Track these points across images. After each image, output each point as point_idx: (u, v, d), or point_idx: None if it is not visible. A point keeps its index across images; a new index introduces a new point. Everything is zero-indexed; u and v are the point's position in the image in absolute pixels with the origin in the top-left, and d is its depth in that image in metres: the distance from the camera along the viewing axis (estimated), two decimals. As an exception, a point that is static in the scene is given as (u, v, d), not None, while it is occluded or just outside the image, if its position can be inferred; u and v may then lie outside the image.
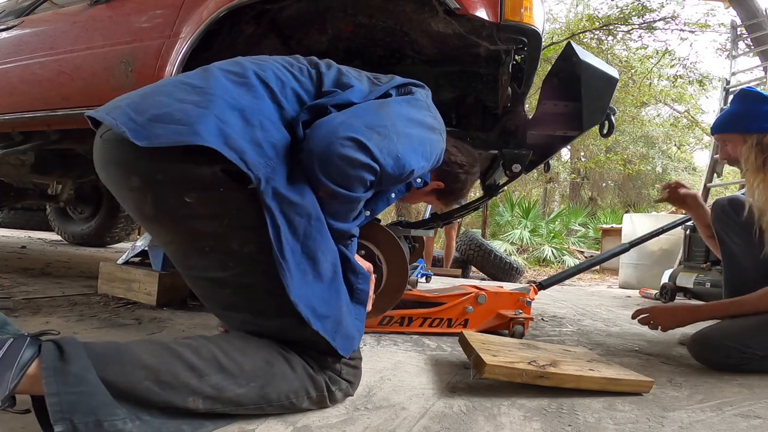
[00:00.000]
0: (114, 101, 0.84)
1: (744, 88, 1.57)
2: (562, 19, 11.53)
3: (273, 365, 0.78)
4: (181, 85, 0.82)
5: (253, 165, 0.75)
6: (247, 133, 0.77)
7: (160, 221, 0.82)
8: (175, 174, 0.76)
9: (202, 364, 0.72)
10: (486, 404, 0.95)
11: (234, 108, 0.79)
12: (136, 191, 0.79)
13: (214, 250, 0.80)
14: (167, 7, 1.53)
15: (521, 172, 1.58)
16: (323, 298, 0.81)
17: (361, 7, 1.47)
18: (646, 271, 4.51)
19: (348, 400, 0.91)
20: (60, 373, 0.61)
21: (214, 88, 0.81)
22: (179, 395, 0.69)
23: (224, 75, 0.85)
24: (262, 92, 0.84)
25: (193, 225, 0.79)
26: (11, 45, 1.97)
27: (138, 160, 0.77)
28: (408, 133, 0.88)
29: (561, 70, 1.45)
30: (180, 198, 0.76)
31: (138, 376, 0.66)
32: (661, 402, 1.03)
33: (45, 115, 1.75)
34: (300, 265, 0.78)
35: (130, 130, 0.73)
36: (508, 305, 1.63)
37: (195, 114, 0.75)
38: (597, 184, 15.25)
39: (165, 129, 0.73)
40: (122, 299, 1.77)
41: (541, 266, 7.88)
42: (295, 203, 0.78)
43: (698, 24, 8.91)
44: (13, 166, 2.48)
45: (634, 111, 11.81)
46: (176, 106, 0.77)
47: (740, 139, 1.46)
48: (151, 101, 0.79)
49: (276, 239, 0.76)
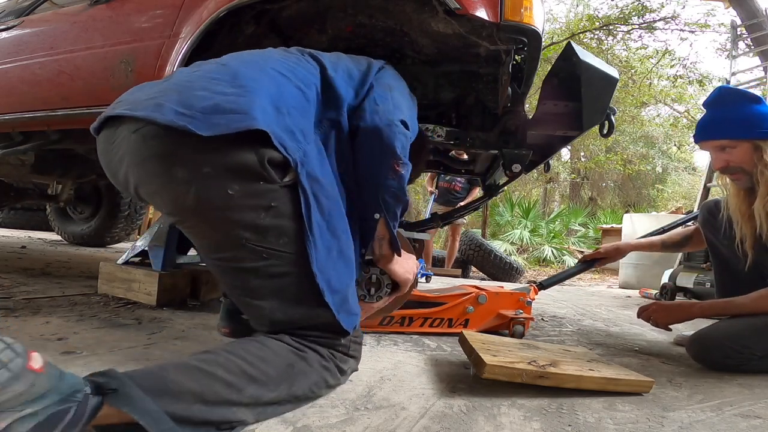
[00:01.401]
0: (139, 98, 0.86)
1: (724, 87, 1.47)
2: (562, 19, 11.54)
3: (294, 366, 0.84)
4: (212, 80, 0.87)
5: (291, 150, 0.84)
6: (280, 120, 0.85)
7: (200, 213, 0.85)
8: (221, 164, 0.80)
9: (236, 379, 0.77)
10: (486, 404, 0.95)
11: (266, 97, 0.86)
12: (179, 183, 0.81)
13: (251, 242, 0.83)
14: (167, 7, 1.53)
15: (521, 172, 1.58)
16: (339, 273, 0.89)
17: (361, 7, 1.47)
18: (646, 271, 4.51)
19: (348, 400, 0.91)
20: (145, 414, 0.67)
21: (245, 80, 0.87)
22: (227, 409, 0.75)
23: (245, 67, 0.91)
24: (282, 80, 0.92)
25: (233, 216, 0.82)
26: (11, 45, 1.97)
27: (186, 152, 0.80)
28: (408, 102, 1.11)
29: (561, 70, 1.45)
30: (224, 189, 0.80)
31: (188, 401, 0.72)
32: (661, 402, 1.03)
33: (45, 115, 1.75)
34: (325, 242, 0.87)
35: (189, 123, 0.77)
36: (509, 305, 1.63)
37: (244, 103, 0.82)
38: (597, 184, 15.26)
39: (225, 119, 0.79)
40: (122, 299, 1.77)
41: (541, 266, 7.88)
42: (322, 185, 0.89)
43: (698, 24, 8.92)
44: (13, 166, 2.48)
45: (634, 111, 11.82)
46: (221, 98, 0.82)
47: (748, 146, 1.36)
48: (191, 96, 0.82)
49: (307, 216, 0.84)
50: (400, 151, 0.98)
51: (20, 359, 0.63)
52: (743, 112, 1.37)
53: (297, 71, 0.97)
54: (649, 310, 1.52)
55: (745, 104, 1.38)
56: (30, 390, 0.63)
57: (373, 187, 1.00)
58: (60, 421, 0.64)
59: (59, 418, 0.64)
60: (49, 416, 0.64)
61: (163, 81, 0.92)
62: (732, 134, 1.38)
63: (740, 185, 1.45)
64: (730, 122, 1.38)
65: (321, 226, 0.87)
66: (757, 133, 1.35)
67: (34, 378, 0.63)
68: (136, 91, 0.92)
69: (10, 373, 0.62)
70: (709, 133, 1.43)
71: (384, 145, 0.97)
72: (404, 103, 1.08)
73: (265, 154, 0.81)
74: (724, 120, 1.39)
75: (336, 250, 0.89)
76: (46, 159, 2.49)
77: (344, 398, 0.92)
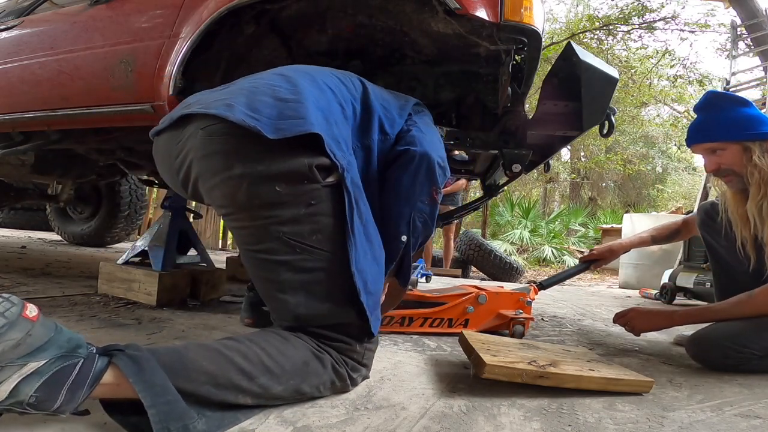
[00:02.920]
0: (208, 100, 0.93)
1: (713, 91, 1.48)
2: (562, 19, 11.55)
3: (309, 365, 0.87)
4: (274, 88, 0.93)
5: (339, 157, 0.90)
6: (329, 130, 0.91)
7: (248, 207, 0.90)
8: (276, 165, 0.87)
9: (251, 367, 0.81)
10: (486, 404, 0.95)
11: (318, 108, 0.92)
12: (235, 179, 0.88)
13: (287, 235, 0.89)
14: (167, 7, 1.52)
15: (521, 172, 1.58)
16: (374, 277, 0.95)
17: (361, 7, 1.47)
18: (646, 271, 4.51)
19: (348, 400, 0.91)
20: (149, 385, 0.70)
21: (302, 91, 0.93)
22: (232, 394, 0.78)
23: (302, 78, 0.98)
24: (330, 95, 0.99)
25: (274, 211, 0.88)
26: (11, 45, 1.97)
27: (247, 151, 0.87)
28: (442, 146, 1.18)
29: (561, 70, 1.45)
30: (272, 186, 0.87)
31: (200, 380, 0.75)
32: (661, 402, 1.03)
33: (45, 115, 1.75)
34: (362, 245, 0.92)
35: (258, 124, 0.84)
36: (509, 305, 1.63)
37: (302, 110, 0.89)
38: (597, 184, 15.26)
39: (286, 123, 0.86)
40: (122, 299, 1.77)
41: (541, 266, 7.88)
42: (362, 192, 0.96)
43: (698, 24, 8.92)
44: (13, 166, 2.48)
45: (634, 111, 11.83)
46: (283, 105, 0.89)
47: (738, 148, 1.38)
48: (258, 102, 0.89)
49: (350, 218, 0.90)
50: (440, 183, 1.07)
51: (16, 308, 0.66)
52: (732, 115, 1.38)
53: (341, 89, 1.04)
54: (627, 316, 1.51)
55: (734, 107, 1.39)
56: (27, 340, 0.65)
57: (407, 207, 1.05)
58: (65, 380, 0.66)
59: (64, 375, 0.66)
60: (53, 374, 0.66)
61: (229, 86, 0.99)
62: (722, 137, 1.39)
63: (732, 187, 1.46)
64: (720, 125, 1.39)
65: (359, 229, 0.92)
66: (745, 134, 1.36)
67: (29, 326, 0.66)
68: (203, 94, 0.99)
69: (6, 320, 0.64)
70: (700, 136, 1.44)
71: (430, 171, 1.05)
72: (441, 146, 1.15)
73: (315, 159, 0.88)
74: (714, 123, 1.40)
75: (371, 255, 0.95)
76: (46, 159, 2.49)
77: (344, 398, 0.92)
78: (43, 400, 0.65)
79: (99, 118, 1.63)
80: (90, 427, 0.73)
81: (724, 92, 1.46)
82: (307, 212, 0.89)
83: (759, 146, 1.35)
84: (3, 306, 0.65)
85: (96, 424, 0.74)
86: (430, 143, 1.08)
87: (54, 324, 0.70)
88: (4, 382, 0.63)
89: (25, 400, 0.64)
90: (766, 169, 1.34)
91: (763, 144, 1.35)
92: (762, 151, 1.35)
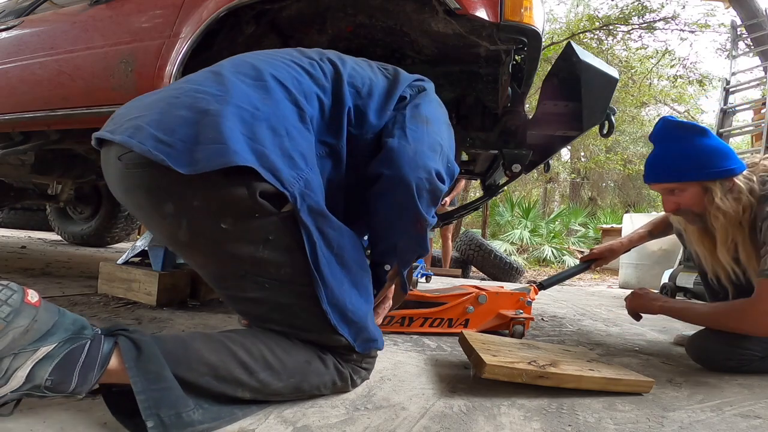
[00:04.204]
0: (124, 117, 0.79)
1: (668, 119, 1.32)
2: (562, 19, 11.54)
3: (311, 364, 0.85)
4: (198, 95, 0.78)
5: (287, 182, 0.75)
6: (276, 144, 0.76)
7: (195, 247, 0.82)
8: (212, 198, 0.74)
9: (253, 362, 0.79)
10: (486, 404, 0.95)
11: (259, 118, 0.77)
12: (169, 218, 0.77)
13: (251, 273, 0.80)
14: (167, 7, 1.53)
15: (521, 172, 1.58)
16: (355, 305, 0.86)
17: (361, 7, 1.47)
18: (646, 271, 4.51)
19: (348, 400, 0.91)
20: (143, 372, 0.68)
21: (235, 96, 0.78)
22: (231, 387, 0.77)
23: (239, 78, 0.82)
24: (281, 94, 0.82)
25: (229, 250, 0.78)
26: (11, 45, 1.97)
27: (172, 185, 0.74)
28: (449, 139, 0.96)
29: (561, 70, 1.45)
30: (216, 224, 0.75)
31: (200, 371, 0.74)
32: (661, 402, 1.03)
33: (45, 115, 1.75)
34: (336, 275, 0.83)
35: (167, 156, 0.70)
36: (509, 305, 1.63)
37: (226, 129, 0.72)
38: (597, 184, 15.26)
39: (204, 151, 0.71)
40: (122, 299, 1.77)
41: (541, 266, 7.88)
42: (328, 217, 0.82)
43: (698, 24, 8.92)
44: (13, 166, 2.48)
45: (634, 111, 11.82)
46: (204, 121, 0.73)
47: (698, 189, 1.26)
48: (174, 118, 0.74)
49: (312, 254, 0.79)
50: (426, 210, 0.88)
51: (17, 294, 0.66)
52: (690, 150, 1.25)
53: (302, 81, 0.87)
54: (629, 296, 1.52)
55: (691, 140, 1.26)
56: (34, 326, 0.66)
57: (390, 238, 0.94)
58: (76, 361, 0.67)
59: (75, 357, 0.67)
60: (64, 356, 0.67)
61: (157, 93, 0.85)
62: (679, 177, 1.27)
63: (693, 224, 1.37)
64: (677, 162, 1.27)
65: (330, 261, 0.82)
66: (705, 174, 1.24)
67: (34, 312, 0.66)
68: (128, 105, 0.85)
69: (11, 308, 0.64)
70: (657, 175, 1.32)
71: (409, 198, 0.85)
72: (444, 139, 0.93)
73: (257, 187, 0.74)
74: (671, 160, 1.28)
75: (348, 283, 0.85)
76: (46, 159, 2.49)
77: (344, 398, 0.92)
78: (59, 382, 0.65)
79: (99, 118, 1.64)
80: (90, 426, 0.73)
81: (681, 122, 1.29)
82: (267, 248, 0.78)
83: (720, 186, 1.23)
84: (3, 294, 0.65)
85: (96, 424, 0.74)
86: (412, 159, 0.84)
87: (56, 307, 0.71)
88: (20, 368, 0.64)
89: (41, 384, 0.65)
90: (731, 212, 1.23)
91: (724, 182, 1.23)
92: (724, 191, 1.23)
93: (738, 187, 1.24)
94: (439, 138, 0.92)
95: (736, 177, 1.24)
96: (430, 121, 0.93)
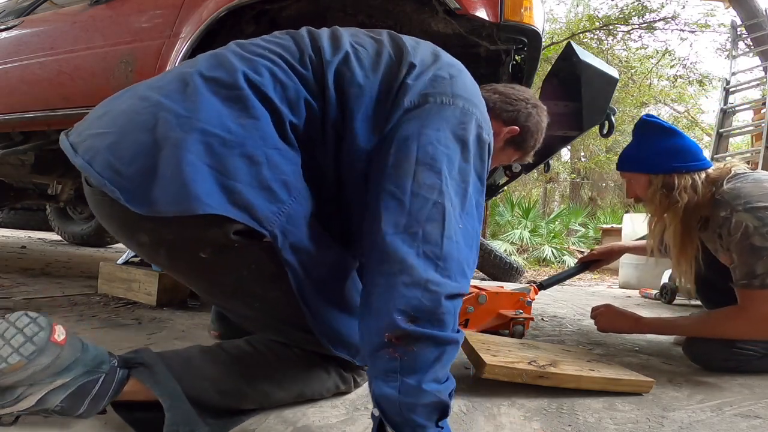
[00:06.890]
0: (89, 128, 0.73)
1: (644, 117, 1.41)
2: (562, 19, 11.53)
3: (312, 371, 0.86)
4: (161, 113, 0.67)
5: (265, 220, 0.67)
6: (252, 175, 0.66)
7: (177, 270, 0.82)
8: (185, 235, 0.69)
9: (254, 374, 0.80)
10: (486, 404, 0.95)
11: (232, 145, 0.66)
12: (146, 247, 0.74)
13: (238, 293, 0.79)
14: (167, 7, 1.53)
15: (521, 172, 1.58)
16: (349, 328, 0.82)
17: (361, 7, 1.47)
18: (646, 271, 4.50)
19: (348, 400, 0.91)
20: (169, 393, 0.71)
21: (203, 117, 0.66)
22: (235, 400, 0.78)
23: (210, 90, 0.70)
24: (260, 108, 0.70)
25: (210, 277, 0.77)
26: (11, 45, 1.97)
27: (142, 220, 0.66)
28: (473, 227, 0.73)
29: (561, 70, 1.45)
30: (195, 254, 0.71)
31: (204, 387, 0.75)
32: (661, 402, 1.03)
33: (45, 115, 1.75)
34: (328, 304, 0.80)
35: (123, 192, 0.63)
36: (509, 305, 1.63)
37: (187, 166, 0.63)
38: (597, 184, 15.24)
39: (162, 192, 0.63)
40: (122, 299, 1.77)
41: (541, 266, 7.88)
42: (313, 254, 0.73)
43: (698, 24, 8.91)
44: (13, 166, 2.48)
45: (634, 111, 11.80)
46: (163, 153, 0.64)
47: (645, 180, 1.35)
48: (131, 144, 0.66)
49: (299, 290, 0.74)
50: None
51: (44, 332, 0.66)
52: (644, 146, 1.35)
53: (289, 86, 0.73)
54: (597, 311, 1.49)
55: (649, 137, 1.35)
56: (56, 362, 0.66)
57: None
58: (89, 392, 0.68)
59: (88, 388, 0.68)
60: (78, 387, 0.68)
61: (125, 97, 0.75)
62: (630, 167, 1.38)
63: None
64: (633, 155, 1.38)
65: (317, 297, 0.77)
66: (648, 166, 1.33)
67: (59, 351, 0.66)
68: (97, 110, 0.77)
69: (35, 347, 0.64)
70: (620, 164, 1.43)
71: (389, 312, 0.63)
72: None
73: (230, 228, 0.66)
74: (634, 153, 1.38)
75: (337, 310, 0.81)
76: (46, 159, 2.48)
77: (344, 398, 0.92)
78: (69, 408, 0.67)
79: (99, 118, 1.64)
80: (90, 426, 0.73)
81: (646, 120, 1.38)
82: (251, 276, 0.73)
83: (662, 180, 1.32)
84: (30, 329, 0.65)
85: (96, 424, 0.74)
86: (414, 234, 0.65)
87: (80, 343, 0.71)
88: (33, 394, 0.65)
89: (50, 408, 0.66)
90: (657, 204, 1.33)
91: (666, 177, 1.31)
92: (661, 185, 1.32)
93: (675, 183, 1.31)
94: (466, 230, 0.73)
95: (679, 174, 1.31)
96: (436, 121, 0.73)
